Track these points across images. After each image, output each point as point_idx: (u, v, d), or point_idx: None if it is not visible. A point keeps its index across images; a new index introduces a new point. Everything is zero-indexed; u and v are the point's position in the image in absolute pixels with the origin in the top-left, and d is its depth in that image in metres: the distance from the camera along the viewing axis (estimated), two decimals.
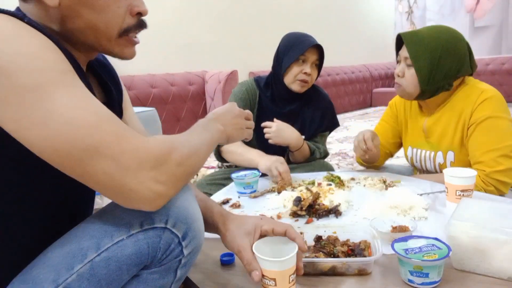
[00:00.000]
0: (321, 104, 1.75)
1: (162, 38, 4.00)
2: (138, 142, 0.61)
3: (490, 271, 0.80)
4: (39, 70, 0.57)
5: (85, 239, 0.65)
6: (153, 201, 0.62)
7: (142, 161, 0.60)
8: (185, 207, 0.69)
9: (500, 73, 5.89)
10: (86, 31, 0.70)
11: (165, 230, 0.66)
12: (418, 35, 1.36)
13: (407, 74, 1.38)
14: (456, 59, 1.34)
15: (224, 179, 1.63)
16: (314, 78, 1.66)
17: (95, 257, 0.63)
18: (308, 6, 5.71)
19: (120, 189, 0.60)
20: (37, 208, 0.69)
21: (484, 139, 1.31)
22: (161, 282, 0.69)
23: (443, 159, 1.43)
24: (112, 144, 0.59)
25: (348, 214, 1.16)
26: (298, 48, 1.59)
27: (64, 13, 0.68)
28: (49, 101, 0.57)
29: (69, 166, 0.59)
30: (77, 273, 0.62)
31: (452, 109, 1.39)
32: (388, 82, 7.19)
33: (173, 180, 0.64)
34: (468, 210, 0.89)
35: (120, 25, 0.72)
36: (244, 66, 4.68)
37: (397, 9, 7.62)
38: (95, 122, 0.59)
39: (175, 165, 0.64)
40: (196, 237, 0.70)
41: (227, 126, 0.88)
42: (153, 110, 2.88)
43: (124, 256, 0.64)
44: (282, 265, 0.72)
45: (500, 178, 1.27)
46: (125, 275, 0.65)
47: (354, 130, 4.57)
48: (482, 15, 6.59)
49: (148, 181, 0.60)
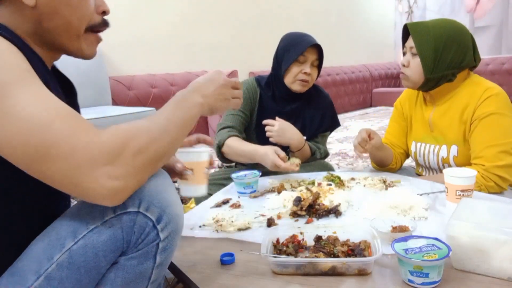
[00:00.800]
0: (322, 104, 1.75)
1: (162, 38, 4.00)
2: (90, 138, 0.60)
3: (490, 271, 0.80)
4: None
5: (62, 229, 0.67)
6: (110, 197, 0.62)
7: (93, 158, 0.59)
8: (158, 192, 0.69)
9: (500, 73, 5.89)
10: (61, 28, 0.73)
11: (138, 214, 0.67)
12: (423, 25, 1.40)
13: (412, 63, 1.42)
14: (460, 49, 1.36)
15: (224, 179, 1.63)
16: (314, 77, 1.66)
17: (73, 246, 0.65)
18: (308, 6, 5.71)
19: (76, 188, 0.60)
20: (23, 206, 0.70)
21: (486, 134, 1.31)
22: (140, 268, 0.69)
23: (446, 153, 1.43)
24: (63, 143, 0.58)
25: (348, 214, 1.16)
26: (297, 49, 1.59)
27: (41, 12, 0.71)
28: (8, 99, 0.58)
29: (25, 164, 0.60)
30: (56, 262, 0.65)
31: (457, 103, 1.40)
32: (388, 82, 7.19)
33: (131, 172, 0.63)
34: (468, 210, 0.90)
35: (88, 21, 0.77)
36: (244, 66, 4.68)
37: (397, 9, 7.61)
38: (49, 120, 0.59)
39: (132, 156, 0.63)
40: (172, 221, 0.70)
41: (209, 97, 0.83)
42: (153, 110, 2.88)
43: (100, 242, 0.66)
44: (197, 157, 0.92)
45: (500, 173, 1.28)
46: (103, 261, 0.67)
47: (354, 130, 4.57)
48: (482, 15, 6.59)
49: (102, 178, 0.60)
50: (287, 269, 0.84)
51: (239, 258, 0.92)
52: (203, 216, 1.19)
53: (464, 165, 1.36)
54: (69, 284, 0.65)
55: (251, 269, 0.88)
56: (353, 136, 4.15)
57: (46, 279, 0.65)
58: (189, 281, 0.86)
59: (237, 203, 1.28)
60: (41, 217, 0.73)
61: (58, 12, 0.72)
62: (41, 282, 0.65)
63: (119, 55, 3.64)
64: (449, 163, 1.43)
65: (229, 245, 1.00)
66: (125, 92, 3.55)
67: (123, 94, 3.52)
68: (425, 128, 1.51)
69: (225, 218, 1.16)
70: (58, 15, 0.72)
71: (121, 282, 0.69)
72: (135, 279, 0.70)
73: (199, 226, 1.13)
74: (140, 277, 0.70)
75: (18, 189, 0.68)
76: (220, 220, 1.14)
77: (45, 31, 0.73)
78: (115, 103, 3.42)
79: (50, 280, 0.65)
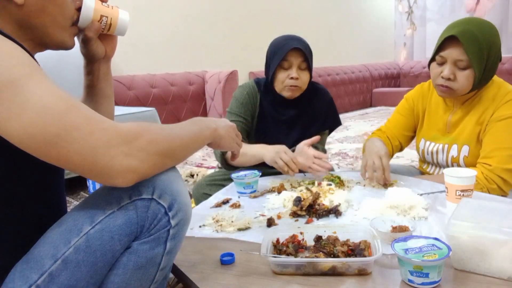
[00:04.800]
0: (322, 104, 1.72)
1: (162, 38, 4.00)
2: (107, 124, 0.66)
3: (490, 271, 0.80)
4: (13, 66, 0.62)
5: (80, 215, 0.70)
6: (124, 175, 0.66)
7: (111, 139, 0.65)
8: (170, 182, 0.74)
9: (500, 73, 5.87)
10: (47, 23, 0.78)
11: (152, 200, 0.71)
12: (471, 33, 1.28)
13: (459, 76, 1.31)
14: (498, 50, 1.33)
15: (224, 180, 1.63)
16: (305, 80, 1.59)
17: (90, 230, 0.69)
18: (308, 6, 5.71)
19: (93, 167, 0.64)
20: (22, 203, 0.73)
21: (500, 136, 1.30)
22: (151, 253, 0.73)
23: (457, 153, 1.42)
24: (81, 126, 0.63)
25: (348, 214, 1.16)
26: (278, 54, 1.54)
27: (29, 9, 0.75)
28: (23, 93, 0.61)
29: (44, 151, 0.63)
30: (74, 246, 0.68)
31: (478, 106, 1.38)
32: (388, 82, 7.19)
33: (144, 155, 0.68)
34: (468, 210, 0.89)
35: (72, 16, 0.84)
36: (244, 66, 4.68)
37: (397, 9, 7.61)
38: (66, 108, 0.63)
39: (147, 142, 0.68)
40: (182, 209, 0.75)
41: (221, 128, 0.91)
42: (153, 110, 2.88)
43: (116, 227, 0.69)
44: None
45: (504, 177, 1.27)
46: (118, 245, 0.70)
47: (354, 130, 4.57)
48: (482, 15, 6.59)
49: (118, 156, 0.65)
50: (287, 269, 0.84)
51: (239, 258, 0.92)
52: (203, 216, 1.19)
53: (473, 166, 1.35)
54: (85, 268, 0.68)
55: (251, 269, 0.88)
56: (354, 136, 4.15)
57: (63, 262, 0.67)
58: (189, 281, 0.86)
59: (237, 203, 1.28)
60: (37, 217, 0.76)
61: (45, 10, 0.76)
62: (58, 265, 0.67)
63: (119, 55, 3.62)
64: (458, 163, 1.42)
65: (229, 245, 1.00)
66: (125, 92, 3.55)
67: (123, 94, 3.53)
68: (440, 128, 1.48)
69: (225, 218, 1.16)
70: (45, 13, 0.77)
71: (133, 266, 0.72)
72: (146, 264, 0.73)
73: (199, 226, 1.13)
74: (150, 262, 0.73)
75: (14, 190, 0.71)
76: (220, 220, 1.14)
77: (31, 27, 0.77)
78: (115, 103, 3.39)
79: (67, 263, 0.67)
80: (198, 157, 3.54)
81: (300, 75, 1.56)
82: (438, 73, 1.35)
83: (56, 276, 0.67)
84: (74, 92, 0.92)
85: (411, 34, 7.50)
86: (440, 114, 1.49)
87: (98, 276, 0.70)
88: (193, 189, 1.72)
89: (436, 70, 1.36)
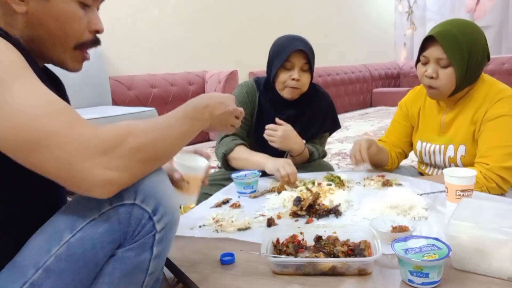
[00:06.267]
0: (322, 106, 1.73)
1: (162, 38, 4.00)
2: (87, 130, 0.62)
3: (490, 271, 0.80)
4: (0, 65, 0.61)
5: (60, 222, 0.68)
6: (103, 188, 0.63)
7: (88, 148, 0.61)
8: (154, 184, 0.70)
9: (500, 73, 5.89)
10: (45, 38, 0.76)
11: (134, 206, 0.68)
12: (449, 32, 1.32)
13: (442, 74, 1.34)
14: (482, 50, 1.35)
15: (224, 179, 1.62)
16: (305, 82, 1.60)
17: (70, 238, 0.66)
18: (308, 6, 5.71)
19: (69, 177, 0.61)
20: (22, 203, 0.72)
21: (495, 135, 1.31)
22: (137, 259, 0.70)
23: (453, 153, 1.43)
24: (59, 133, 0.60)
25: (348, 214, 1.16)
26: (281, 55, 1.55)
27: (29, 20, 0.73)
28: (5, 94, 0.60)
29: (21, 156, 0.61)
30: (55, 255, 0.66)
31: (471, 104, 1.39)
32: (388, 82, 7.19)
33: (126, 165, 0.64)
34: (468, 210, 0.89)
35: (78, 39, 0.79)
36: (244, 66, 4.68)
37: (397, 9, 7.61)
38: (46, 111, 0.61)
39: (129, 150, 0.64)
40: (168, 212, 0.71)
41: (214, 118, 0.87)
42: (153, 110, 2.88)
43: (97, 234, 0.67)
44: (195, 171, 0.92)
45: (502, 175, 1.27)
46: (101, 253, 0.67)
47: (354, 130, 4.57)
48: (482, 15, 6.59)
49: (96, 167, 0.61)
50: (287, 269, 0.84)
51: (239, 258, 0.92)
52: (203, 216, 1.20)
53: (471, 165, 1.36)
54: (67, 277, 0.66)
55: (251, 269, 0.88)
56: (354, 136, 4.15)
57: (45, 271, 0.65)
58: (189, 281, 0.86)
59: (237, 203, 1.28)
60: (37, 217, 0.74)
61: (43, 24, 0.74)
62: (40, 274, 0.65)
63: (119, 55, 3.63)
64: (456, 163, 1.43)
65: (229, 245, 1.00)
66: (125, 92, 3.55)
67: (123, 94, 3.53)
68: (435, 129, 1.50)
69: (225, 218, 1.16)
70: (43, 27, 0.74)
71: (119, 274, 0.70)
72: (133, 271, 0.71)
73: (199, 226, 1.13)
74: (137, 269, 0.71)
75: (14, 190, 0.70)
76: (220, 220, 1.14)
77: (32, 38, 0.75)
78: (115, 103, 3.42)
79: (48, 272, 0.65)
80: None
81: (301, 76, 1.58)
82: (422, 73, 1.40)
83: (38, 286, 0.65)
84: (75, 92, 0.92)
85: (411, 34, 7.49)
86: (434, 115, 1.51)
87: (82, 285, 0.68)
88: None
89: (421, 70, 1.41)
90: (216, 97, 0.89)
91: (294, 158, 1.62)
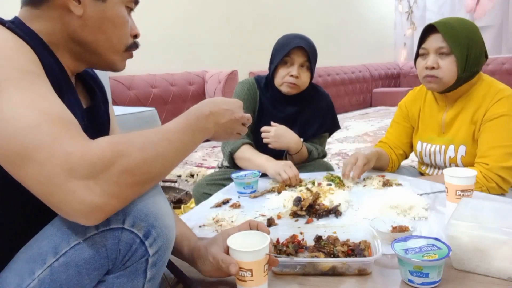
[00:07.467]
0: (321, 106, 1.73)
1: (162, 38, 4.00)
2: (73, 147, 0.55)
3: (490, 271, 0.80)
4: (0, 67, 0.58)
5: (44, 243, 0.63)
6: (87, 214, 0.56)
7: (73, 168, 0.54)
8: (145, 204, 0.64)
9: (500, 73, 5.90)
10: (100, 42, 0.77)
11: (123, 230, 0.62)
12: (448, 23, 1.35)
13: (443, 64, 1.35)
14: (480, 45, 1.36)
15: (224, 179, 1.63)
16: (304, 80, 1.61)
17: (54, 262, 0.61)
18: (308, 6, 5.71)
19: (50, 199, 0.56)
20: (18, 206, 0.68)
21: (494, 135, 1.31)
22: (130, 284, 0.65)
23: (454, 153, 1.43)
24: (43, 147, 0.54)
25: (348, 214, 1.16)
26: (282, 50, 1.57)
27: (86, 23, 0.74)
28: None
29: (7, 167, 0.57)
30: (38, 279, 0.61)
31: (470, 104, 1.39)
32: (388, 82, 7.19)
33: (115, 191, 0.57)
34: (468, 210, 0.89)
35: (127, 42, 0.83)
36: (244, 66, 4.68)
37: (397, 9, 7.61)
38: (35, 122, 0.55)
39: (119, 173, 0.57)
40: (162, 234, 0.65)
41: (219, 127, 0.79)
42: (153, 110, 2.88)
43: (82, 260, 0.61)
44: (258, 255, 0.73)
45: (502, 175, 1.27)
46: (86, 280, 0.62)
47: (354, 130, 4.57)
48: (482, 15, 6.59)
49: (80, 191, 0.54)
50: (287, 269, 0.84)
51: None
52: (203, 216, 1.19)
53: (471, 165, 1.36)
54: None
55: None
56: (354, 136, 4.15)
57: None
58: (189, 281, 0.85)
59: (237, 203, 1.28)
60: (35, 223, 0.71)
61: (101, 28, 0.76)
62: None
63: None
64: (456, 163, 1.43)
65: None
66: (125, 92, 3.55)
67: (123, 94, 3.53)
68: (435, 129, 1.50)
69: (225, 218, 1.16)
70: (101, 30, 0.76)
71: None
72: None
73: (199, 226, 1.13)
74: None
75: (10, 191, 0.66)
76: (220, 220, 1.14)
77: (82, 42, 0.75)
78: (115, 103, 3.42)
79: None
80: (198, 157, 3.54)
81: (300, 74, 1.58)
82: (423, 66, 1.40)
83: None
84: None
85: (411, 34, 7.50)
86: (434, 115, 1.51)
87: None
88: (193, 189, 1.72)
89: (421, 63, 1.41)
90: (221, 103, 0.81)
91: (293, 157, 1.62)
